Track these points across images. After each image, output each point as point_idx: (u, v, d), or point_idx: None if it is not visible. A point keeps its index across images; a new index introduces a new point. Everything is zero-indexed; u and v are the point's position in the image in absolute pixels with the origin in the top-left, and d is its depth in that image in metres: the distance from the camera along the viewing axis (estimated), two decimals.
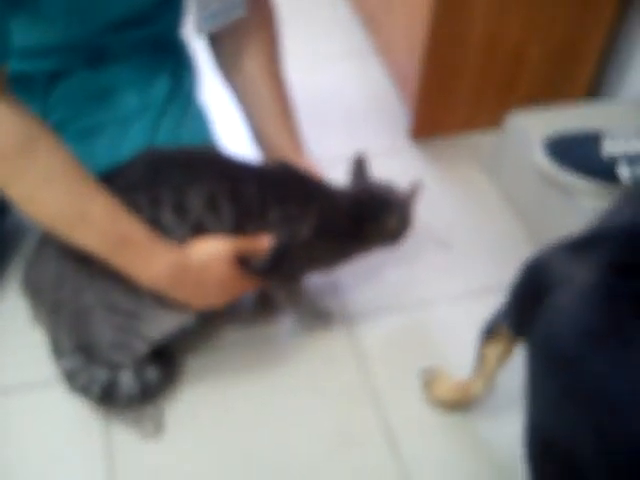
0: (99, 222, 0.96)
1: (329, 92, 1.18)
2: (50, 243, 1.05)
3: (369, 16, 1.97)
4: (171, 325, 1.10)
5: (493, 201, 1.56)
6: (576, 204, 1.33)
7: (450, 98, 1.63)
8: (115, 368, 1.10)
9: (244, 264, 1.07)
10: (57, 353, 1.12)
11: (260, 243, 1.06)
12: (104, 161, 1.09)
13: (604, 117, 1.47)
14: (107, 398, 1.11)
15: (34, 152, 0.91)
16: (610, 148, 1.29)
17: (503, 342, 0.99)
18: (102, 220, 0.96)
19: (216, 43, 1.21)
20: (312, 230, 1.09)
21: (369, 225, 1.16)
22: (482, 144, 1.67)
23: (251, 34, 1.18)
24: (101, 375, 1.10)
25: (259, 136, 1.23)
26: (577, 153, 1.33)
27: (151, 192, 1.02)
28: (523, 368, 0.84)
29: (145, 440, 1.13)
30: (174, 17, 1.25)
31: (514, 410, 0.97)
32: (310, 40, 1.93)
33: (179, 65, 1.31)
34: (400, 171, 1.58)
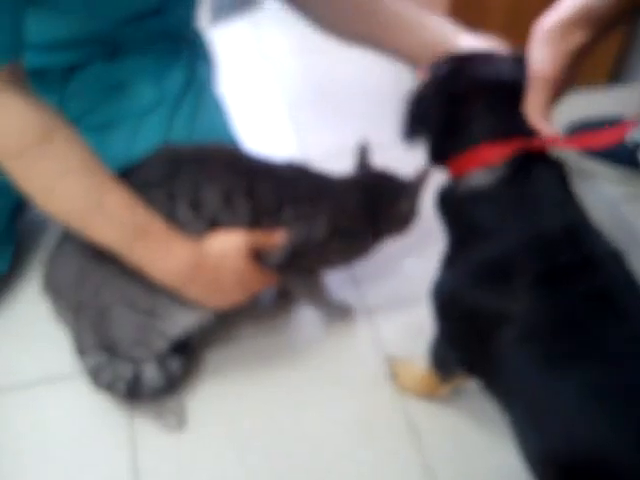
0: (116, 215, 0.95)
1: (351, 79, 1.17)
2: (70, 242, 1.05)
3: None
4: (190, 323, 1.10)
5: None
6: (598, 190, 1.31)
7: None
8: (138, 362, 1.11)
9: (259, 259, 1.07)
10: (80, 351, 1.12)
11: (275, 238, 1.06)
12: (120, 155, 1.09)
13: (626, 103, 1.45)
14: (133, 393, 1.11)
15: (50, 145, 0.91)
16: (633, 134, 1.28)
17: (461, 375, 1.02)
18: (119, 213, 0.95)
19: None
20: (327, 228, 1.09)
21: (381, 212, 1.16)
22: None
23: None
24: (125, 371, 1.10)
25: (408, 46, 1.08)
26: None
27: (168, 187, 1.02)
28: None
29: (168, 433, 1.13)
30: (188, 8, 1.25)
31: None
32: None
33: (194, 56, 1.30)
34: (420, 162, 1.58)
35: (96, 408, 1.16)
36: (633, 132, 1.28)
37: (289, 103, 1.75)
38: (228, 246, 1.01)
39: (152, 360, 1.11)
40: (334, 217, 1.10)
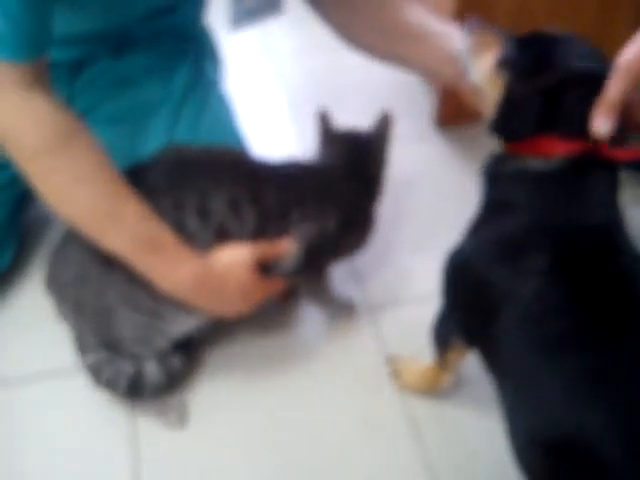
0: (130, 224, 0.95)
1: (354, 78, 1.16)
2: (73, 241, 1.05)
3: None
4: (192, 325, 1.11)
5: None
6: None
7: None
8: (139, 359, 1.11)
9: (267, 269, 1.07)
10: (81, 349, 1.13)
11: (282, 247, 1.06)
12: (126, 151, 1.09)
13: None
14: (134, 390, 1.11)
15: (68, 149, 0.90)
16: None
17: (459, 347, 1.02)
18: (133, 223, 0.95)
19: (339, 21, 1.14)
20: (337, 222, 1.09)
21: (370, 178, 1.17)
22: None
23: None
24: (127, 368, 1.10)
25: (433, 59, 1.07)
26: None
27: (174, 195, 1.02)
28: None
29: (170, 429, 1.14)
30: (197, 7, 1.25)
31: None
32: None
33: (201, 54, 1.30)
34: (427, 158, 1.58)
35: (98, 404, 1.17)
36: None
37: (291, 102, 1.75)
38: (234, 260, 1.02)
39: (153, 357, 1.11)
40: (341, 209, 1.10)
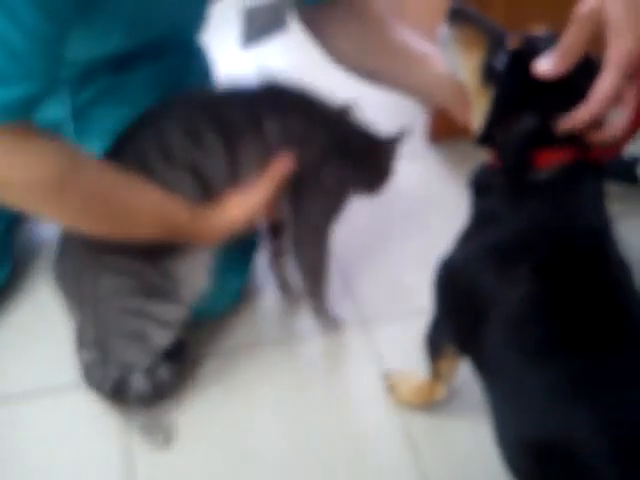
0: (146, 229, 1.00)
1: (347, 94, 1.18)
2: (70, 236, 1.07)
3: None
4: (180, 313, 1.11)
5: None
6: None
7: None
8: (127, 368, 1.11)
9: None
10: (79, 343, 1.14)
11: (281, 164, 1.06)
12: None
13: None
14: (117, 394, 1.12)
15: (75, 182, 0.91)
16: (630, 148, 1.28)
17: (451, 355, 1.02)
18: (149, 226, 1.00)
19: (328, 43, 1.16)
20: (321, 148, 1.08)
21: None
22: None
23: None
24: (113, 372, 1.11)
25: (424, 82, 1.09)
26: None
27: (136, 148, 1.03)
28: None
29: (157, 449, 1.13)
30: (199, 23, 1.26)
31: None
32: None
33: (203, 70, 1.32)
34: (419, 174, 1.59)
35: (94, 419, 1.17)
36: (631, 146, 1.28)
37: None
38: (250, 210, 1.05)
39: (141, 369, 1.11)
40: (328, 133, 1.10)
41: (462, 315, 0.93)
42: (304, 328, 1.32)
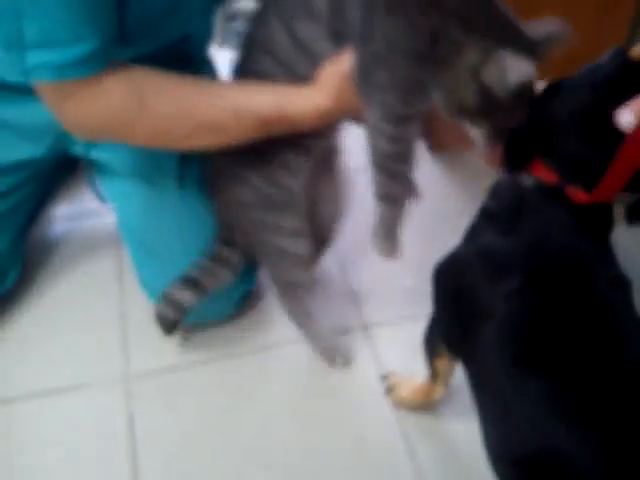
0: (238, 131, 1.01)
1: None
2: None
3: None
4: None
5: None
6: None
7: None
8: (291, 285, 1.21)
9: None
10: (220, 241, 1.21)
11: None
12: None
13: None
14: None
15: (147, 109, 0.98)
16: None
17: (446, 355, 1.04)
18: (239, 127, 1.01)
19: None
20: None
21: None
22: None
23: None
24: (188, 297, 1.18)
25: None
26: None
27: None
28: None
29: (171, 441, 1.16)
30: (208, 31, 1.29)
31: None
32: None
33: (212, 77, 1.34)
34: (421, 181, 1.60)
35: (97, 419, 1.19)
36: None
37: None
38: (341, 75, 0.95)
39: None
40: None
41: (453, 317, 0.95)
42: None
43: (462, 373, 1.04)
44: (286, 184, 1.11)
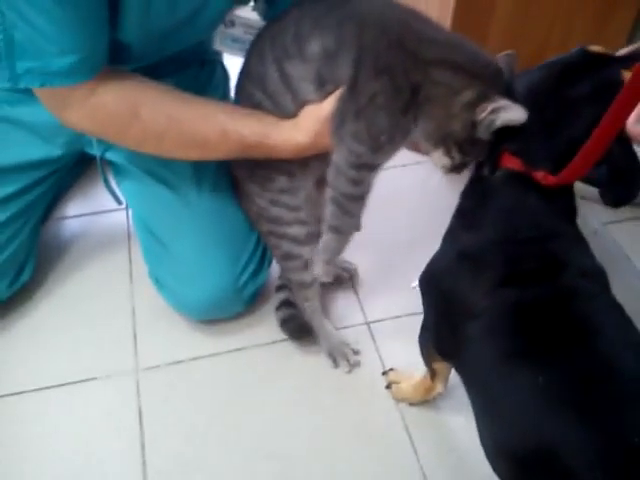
0: (220, 149, 1.08)
1: None
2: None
3: None
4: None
5: None
6: (585, 212, 1.35)
7: None
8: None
9: None
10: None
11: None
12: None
13: None
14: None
15: (137, 118, 1.02)
16: None
17: (441, 359, 1.05)
18: (220, 145, 1.07)
19: None
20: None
21: None
22: None
23: None
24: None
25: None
26: None
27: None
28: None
29: (179, 434, 1.18)
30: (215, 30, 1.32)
31: None
32: None
33: (223, 76, 1.38)
34: (424, 180, 1.61)
35: (106, 412, 1.21)
36: None
37: None
38: (319, 120, 1.02)
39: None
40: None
41: (440, 321, 0.96)
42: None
43: None
44: (291, 204, 1.16)
